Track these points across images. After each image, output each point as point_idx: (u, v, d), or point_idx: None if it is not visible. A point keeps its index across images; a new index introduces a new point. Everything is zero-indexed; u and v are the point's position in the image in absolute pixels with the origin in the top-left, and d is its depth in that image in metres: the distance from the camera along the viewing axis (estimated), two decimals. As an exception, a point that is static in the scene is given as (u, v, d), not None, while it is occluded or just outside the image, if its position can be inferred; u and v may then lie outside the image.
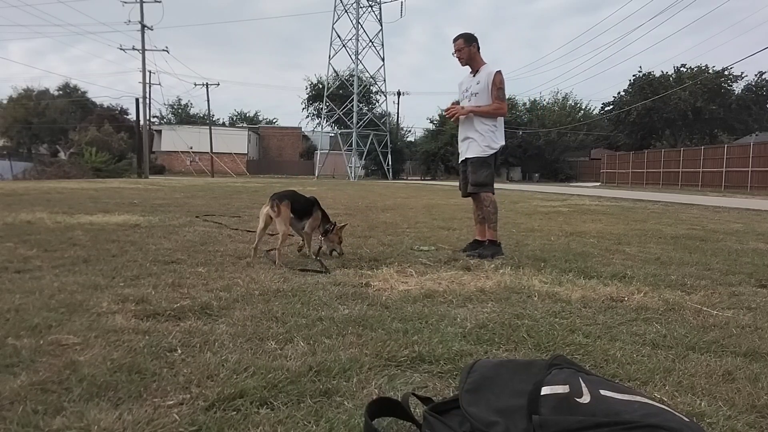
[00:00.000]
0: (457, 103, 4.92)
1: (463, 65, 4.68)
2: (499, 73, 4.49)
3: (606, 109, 45.14)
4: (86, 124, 43.41)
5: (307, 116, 64.00)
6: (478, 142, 4.57)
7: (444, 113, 4.93)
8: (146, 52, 34.55)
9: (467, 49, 4.59)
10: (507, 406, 1.30)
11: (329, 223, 4.32)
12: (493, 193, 4.63)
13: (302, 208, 4.24)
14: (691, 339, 2.33)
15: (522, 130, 45.46)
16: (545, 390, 1.29)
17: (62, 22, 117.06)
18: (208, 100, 61.71)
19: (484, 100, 4.54)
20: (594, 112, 49.85)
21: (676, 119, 39.44)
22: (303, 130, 58.87)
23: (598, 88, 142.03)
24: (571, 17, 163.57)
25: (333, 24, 46.40)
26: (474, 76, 4.64)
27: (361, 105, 47.37)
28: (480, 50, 4.65)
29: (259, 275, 3.44)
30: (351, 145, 45.55)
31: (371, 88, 51.27)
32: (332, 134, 52.82)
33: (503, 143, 4.65)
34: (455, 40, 4.63)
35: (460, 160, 4.85)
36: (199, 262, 3.86)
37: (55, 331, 2.20)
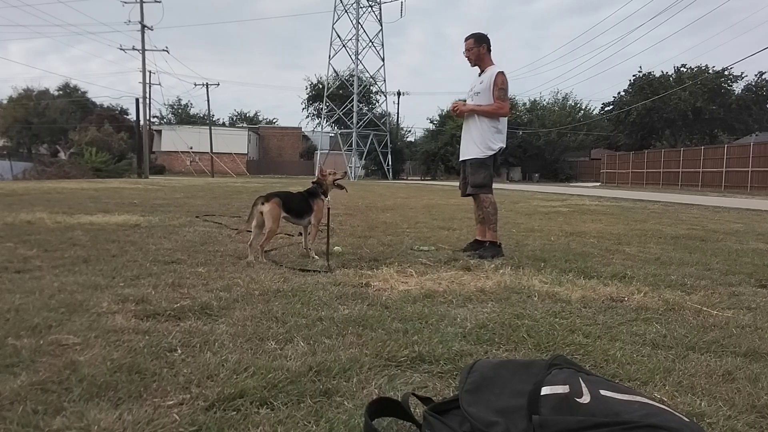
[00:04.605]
0: (464, 101, 4.95)
1: (471, 65, 4.72)
2: (501, 74, 4.53)
3: (606, 109, 45.20)
4: (86, 124, 43.42)
5: (307, 116, 64.30)
6: (477, 143, 4.61)
7: (450, 110, 4.93)
8: (146, 52, 34.55)
9: (476, 49, 4.63)
10: (507, 406, 1.30)
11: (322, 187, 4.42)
12: (491, 194, 4.66)
13: (299, 206, 4.24)
14: (691, 339, 2.33)
15: (522, 130, 45.47)
16: (545, 390, 1.29)
17: (62, 22, 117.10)
18: (208, 100, 61.85)
19: (484, 101, 4.58)
20: (594, 112, 49.96)
21: (676, 119, 39.46)
22: (303, 130, 58.96)
23: (598, 88, 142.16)
24: (571, 17, 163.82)
25: (333, 24, 46.59)
26: (479, 76, 4.69)
27: (361, 105, 47.39)
28: (491, 51, 4.68)
29: (259, 275, 3.44)
30: (351, 145, 45.58)
31: (371, 88, 51.32)
32: (332, 134, 52.83)
33: (503, 145, 4.66)
34: (466, 39, 4.67)
35: (460, 159, 4.89)
36: (199, 262, 3.86)
37: (55, 331, 2.20)
